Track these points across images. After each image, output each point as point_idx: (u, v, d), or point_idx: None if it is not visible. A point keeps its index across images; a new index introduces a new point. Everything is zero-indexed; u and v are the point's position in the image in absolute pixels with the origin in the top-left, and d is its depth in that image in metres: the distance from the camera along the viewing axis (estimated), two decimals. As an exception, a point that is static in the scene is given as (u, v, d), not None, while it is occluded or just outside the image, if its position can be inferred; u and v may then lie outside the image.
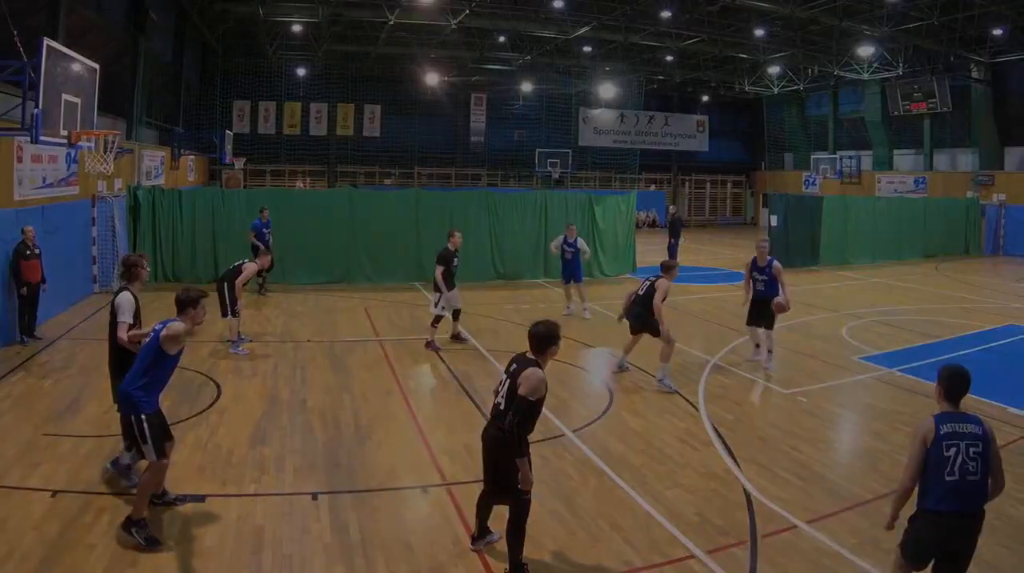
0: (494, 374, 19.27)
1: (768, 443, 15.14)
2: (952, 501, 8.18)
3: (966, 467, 8.21)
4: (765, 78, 70.32)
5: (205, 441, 14.54)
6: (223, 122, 64.68)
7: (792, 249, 42.27)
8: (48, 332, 22.93)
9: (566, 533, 11.20)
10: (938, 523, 8.28)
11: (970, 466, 8.22)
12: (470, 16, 50.99)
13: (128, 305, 12.62)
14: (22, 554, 10.08)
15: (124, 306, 12.52)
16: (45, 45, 16.70)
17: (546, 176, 75.19)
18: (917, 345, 24.03)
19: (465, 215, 34.12)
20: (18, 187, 22.97)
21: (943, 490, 8.20)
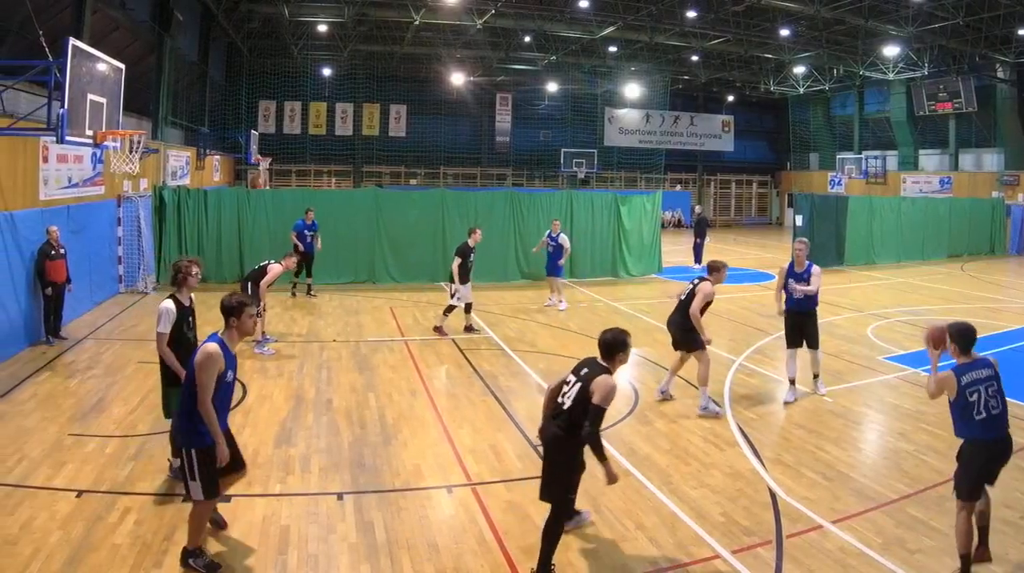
0: (519, 374, 19.66)
1: (793, 443, 15.11)
2: (989, 431, 10.00)
3: (989, 404, 9.99)
4: (790, 78, 70.22)
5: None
6: (248, 122, 64.83)
7: (817, 249, 41.27)
8: (74, 332, 22.92)
9: (592, 532, 11.17)
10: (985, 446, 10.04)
11: (992, 403, 10.02)
12: (495, 16, 51.15)
13: (167, 314, 12.02)
14: (47, 554, 10.08)
15: (162, 315, 12.00)
16: (71, 45, 16.64)
17: (571, 176, 75.15)
18: (943, 346, 23.79)
19: (490, 215, 34.15)
20: (44, 187, 22.96)
21: (978, 427, 10.00)
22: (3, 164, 20.17)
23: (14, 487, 12.10)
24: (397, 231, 34.06)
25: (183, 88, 49.38)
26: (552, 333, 24.78)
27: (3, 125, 18.96)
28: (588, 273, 36.44)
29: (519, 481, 12.96)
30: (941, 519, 11.60)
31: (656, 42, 57.05)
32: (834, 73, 66.81)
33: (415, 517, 11.59)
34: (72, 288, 22.42)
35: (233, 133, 60.83)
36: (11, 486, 12.12)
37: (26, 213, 21.30)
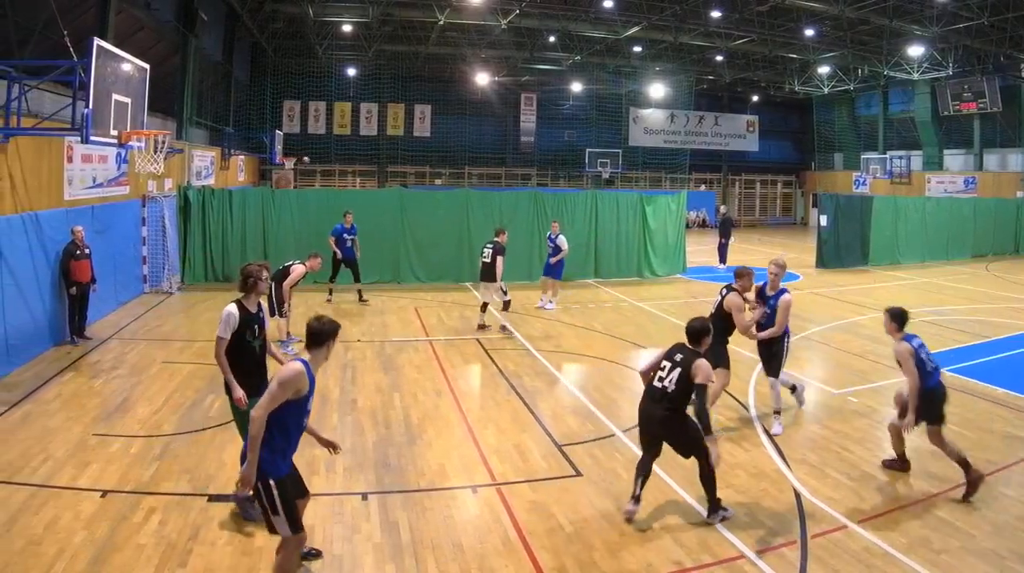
0: (544, 374, 19.72)
1: (818, 443, 15.11)
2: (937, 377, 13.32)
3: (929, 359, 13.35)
4: (815, 78, 70.25)
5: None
6: (273, 122, 65.06)
7: (842, 249, 42.38)
8: (98, 332, 22.96)
9: (616, 533, 11.16)
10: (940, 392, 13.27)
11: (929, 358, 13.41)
12: (520, 16, 51.33)
13: (230, 319, 11.43)
14: (72, 554, 10.11)
15: (225, 320, 11.39)
16: (95, 45, 16.71)
17: (596, 176, 75.18)
18: (967, 345, 23.91)
19: (515, 215, 34.15)
20: (68, 187, 23.02)
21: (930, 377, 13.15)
22: (28, 164, 20.19)
23: (39, 487, 12.14)
24: (422, 231, 34.07)
25: (208, 88, 49.54)
26: (577, 333, 24.75)
27: (28, 125, 18.99)
28: (613, 273, 36.40)
29: (544, 481, 12.98)
30: (966, 519, 11.61)
31: (681, 42, 57.11)
32: (859, 73, 66.64)
33: (440, 517, 11.61)
34: (97, 288, 22.45)
35: (258, 133, 60.82)
36: (36, 486, 12.17)
37: (51, 213, 21.30)
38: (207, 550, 10.36)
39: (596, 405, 17.10)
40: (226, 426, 14.91)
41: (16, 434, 14.55)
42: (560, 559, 10.36)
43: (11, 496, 11.76)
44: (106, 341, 22.23)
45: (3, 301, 18.31)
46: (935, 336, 24.56)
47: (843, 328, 25.80)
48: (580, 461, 13.85)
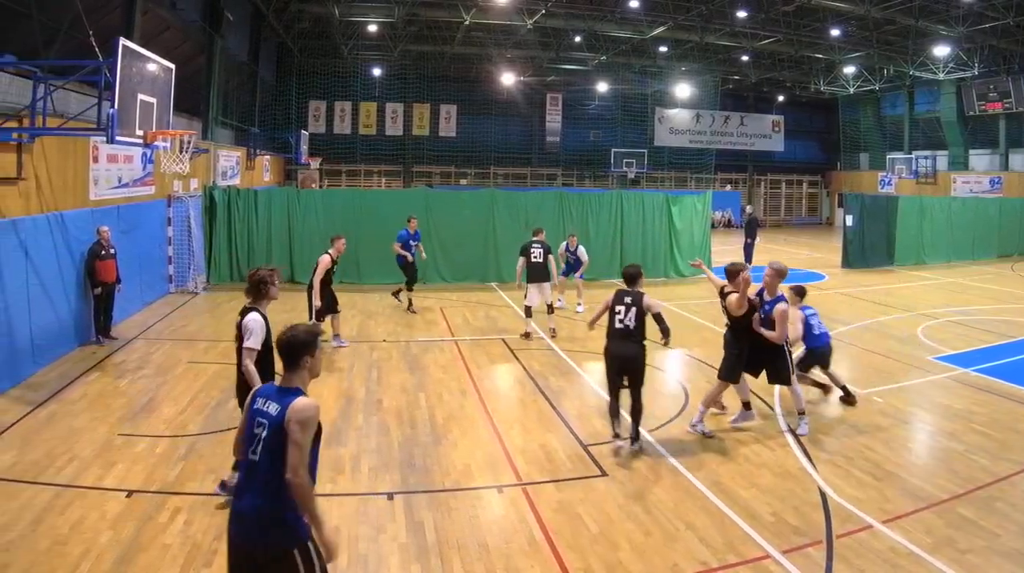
0: (569, 374, 19.81)
1: (843, 443, 15.04)
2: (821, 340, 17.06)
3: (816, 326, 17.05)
4: (841, 78, 70.01)
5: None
6: (299, 122, 65.21)
7: (867, 249, 42.30)
8: (124, 332, 23.03)
9: (641, 532, 11.15)
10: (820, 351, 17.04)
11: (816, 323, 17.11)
12: (545, 16, 51.43)
13: (260, 329, 11.29)
14: (97, 554, 10.13)
15: (255, 329, 11.24)
16: (121, 45, 16.69)
17: (621, 176, 75.14)
18: (992, 345, 23.77)
19: (540, 215, 33.98)
20: (94, 187, 23.12)
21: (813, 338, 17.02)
22: (53, 164, 20.28)
23: (64, 487, 12.17)
24: (447, 231, 34.09)
25: (233, 88, 49.69)
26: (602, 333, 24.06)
27: (53, 125, 18.98)
28: (639, 273, 36.01)
29: (569, 481, 12.97)
30: (991, 519, 11.55)
31: (706, 42, 57.10)
32: (884, 73, 66.35)
33: (465, 517, 11.61)
34: (122, 288, 22.54)
35: (283, 133, 60.89)
36: (61, 486, 12.20)
37: (76, 213, 21.34)
38: (232, 550, 10.32)
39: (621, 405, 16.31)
40: None
41: (41, 434, 14.60)
42: (586, 559, 10.35)
43: (37, 496, 11.79)
44: (132, 341, 22.30)
45: (29, 301, 18.37)
46: (960, 336, 24.71)
47: (869, 328, 25.71)
48: (605, 461, 13.83)
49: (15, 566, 9.82)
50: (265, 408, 7.30)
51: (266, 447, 7.15)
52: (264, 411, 7.28)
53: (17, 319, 17.79)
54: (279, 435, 7.08)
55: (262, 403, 7.36)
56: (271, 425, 7.15)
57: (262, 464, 7.16)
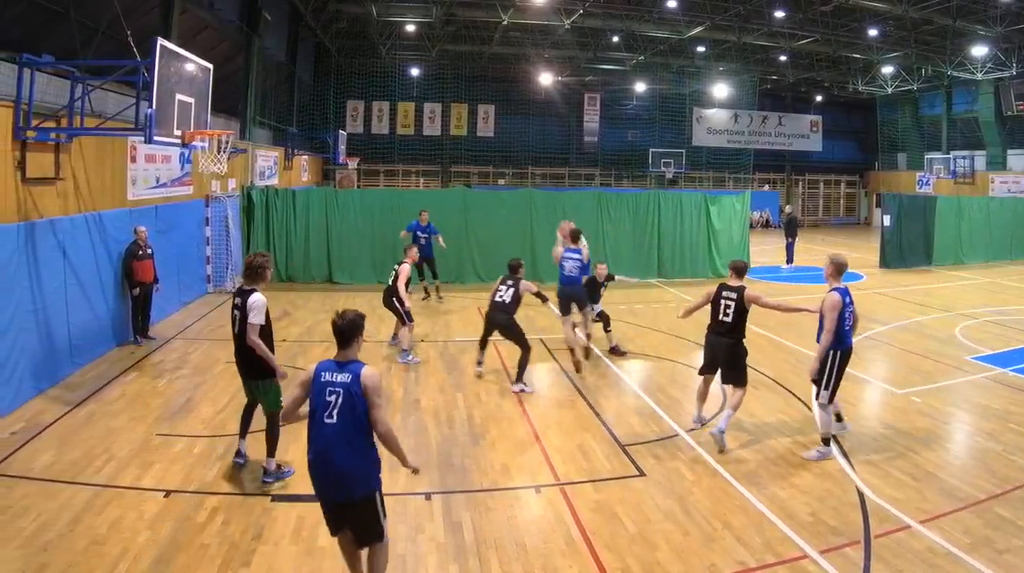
0: (607, 374, 19.87)
1: (881, 443, 14.99)
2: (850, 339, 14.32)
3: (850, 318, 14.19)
4: (878, 78, 69.52)
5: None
6: (336, 122, 65.35)
7: (905, 249, 42.10)
8: (162, 332, 23.15)
9: (680, 532, 11.15)
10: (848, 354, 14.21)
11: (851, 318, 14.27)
12: (583, 16, 51.32)
13: (264, 306, 12.40)
14: (135, 554, 10.18)
15: (260, 307, 12.31)
16: (159, 45, 16.69)
17: (659, 176, 74.88)
18: (1031, 345, 23.57)
19: (578, 215, 33.33)
20: (132, 187, 23.18)
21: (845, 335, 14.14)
22: (91, 164, 20.31)
23: (103, 487, 12.23)
24: (485, 231, 34.16)
25: (271, 88, 49.90)
26: (641, 333, 24.79)
27: (91, 125, 18.99)
28: (677, 273, 36.39)
29: (607, 481, 12.97)
30: (1029, 519, 11.44)
31: (744, 42, 56.94)
32: (922, 73, 65.85)
33: (503, 517, 11.64)
34: (160, 288, 22.63)
35: (321, 133, 61.15)
36: (100, 486, 12.26)
37: (114, 213, 21.43)
38: (270, 550, 10.45)
39: (659, 405, 17.08)
40: (289, 427, 14.84)
41: (80, 434, 14.67)
42: (623, 559, 10.35)
43: (75, 496, 11.85)
44: (169, 341, 22.42)
45: (67, 301, 18.45)
46: (998, 336, 24.59)
47: (907, 328, 25.60)
48: (643, 461, 13.83)
49: (53, 566, 9.86)
50: (334, 379, 8.75)
51: (342, 411, 8.66)
52: (334, 381, 8.73)
53: (55, 319, 17.87)
54: (354, 399, 8.64)
55: (328, 376, 8.78)
56: (345, 392, 8.66)
57: (342, 425, 8.69)
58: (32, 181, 17.11)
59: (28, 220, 16.85)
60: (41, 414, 15.71)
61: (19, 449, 13.80)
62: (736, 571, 10.15)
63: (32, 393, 16.68)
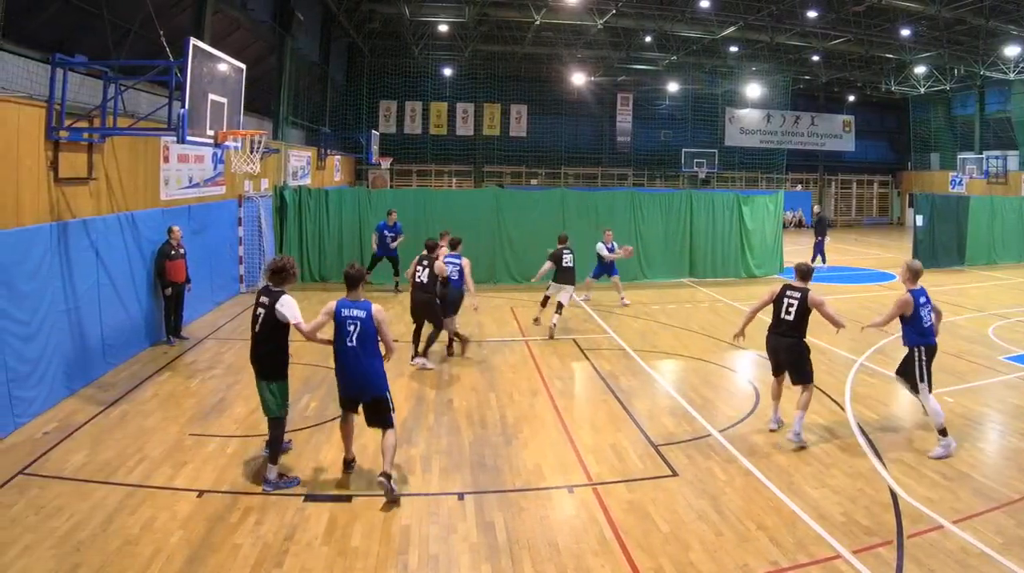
0: (640, 374, 19.83)
1: (914, 443, 15.00)
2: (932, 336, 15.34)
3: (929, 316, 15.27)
4: (911, 78, 69.30)
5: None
6: (369, 122, 65.44)
7: (938, 249, 41.87)
8: (195, 332, 23.22)
9: (713, 533, 11.15)
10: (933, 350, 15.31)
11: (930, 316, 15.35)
12: (616, 16, 51.29)
13: (295, 305, 12.77)
14: (168, 554, 10.22)
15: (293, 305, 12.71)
16: (191, 45, 16.69)
17: (692, 176, 74.89)
18: (1064, 345, 23.44)
19: (611, 215, 34.01)
20: (164, 187, 23.24)
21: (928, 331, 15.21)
22: (124, 164, 20.40)
23: (135, 487, 12.29)
24: (517, 231, 34.10)
25: (304, 88, 49.88)
26: (674, 333, 24.75)
27: (124, 125, 19.14)
28: (709, 273, 36.32)
29: (640, 481, 12.98)
30: (1062, 519, 11.41)
31: (777, 42, 56.88)
32: (955, 73, 65.61)
33: (536, 517, 11.65)
34: (191, 288, 22.66)
35: (354, 133, 61.37)
36: (133, 486, 12.32)
37: (147, 213, 21.52)
38: (303, 550, 10.48)
39: (692, 405, 17.07)
40: (321, 426, 15.16)
41: (113, 434, 14.74)
42: (656, 559, 10.36)
43: (108, 496, 11.90)
44: (202, 341, 22.52)
45: (100, 301, 18.51)
46: (1031, 336, 24.35)
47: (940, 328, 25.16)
48: (676, 461, 13.82)
49: (86, 566, 9.90)
50: (352, 314, 12.36)
51: (360, 336, 12.30)
52: (353, 315, 12.35)
53: (88, 319, 17.94)
54: (370, 327, 12.31)
55: (348, 311, 12.39)
56: (362, 322, 12.30)
57: (361, 346, 12.32)
58: (65, 181, 17.17)
59: (61, 220, 16.91)
60: (74, 414, 15.77)
61: (52, 449, 13.84)
62: (769, 571, 10.15)
63: (65, 393, 16.74)
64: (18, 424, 14.79)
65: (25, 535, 10.59)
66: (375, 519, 11.40)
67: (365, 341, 12.27)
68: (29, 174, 15.83)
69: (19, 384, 14.94)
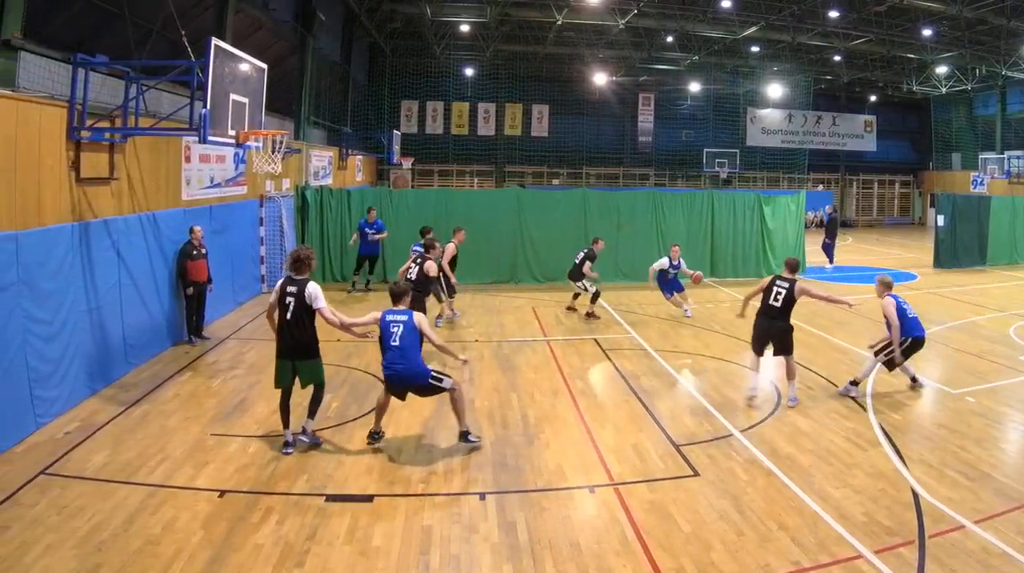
0: (661, 374, 19.82)
1: (936, 443, 14.94)
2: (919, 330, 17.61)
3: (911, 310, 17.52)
4: (932, 78, 69.22)
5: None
6: (391, 122, 65.63)
7: (959, 249, 41.81)
8: (216, 332, 23.26)
9: (734, 533, 11.15)
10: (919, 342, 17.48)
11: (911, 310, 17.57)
12: (638, 16, 51.45)
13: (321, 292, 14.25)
14: (189, 554, 10.25)
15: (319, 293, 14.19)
16: (213, 45, 16.69)
17: (714, 176, 74.84)
18: (1086, 345, 23.34)
19: (633, 215, 34.12)
20: (186, 187, 23.26)
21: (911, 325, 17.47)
22: (146, 164, 20.42)
23: (157, 487, 12.32)
24: (539, 231, 34.04)
25: (325, 88, 50.11)
26: (695, 333, 24.71)
27: (145, 125, 19.08)
28: (730, 273, 36.28)
29: (661, 481, 12.98)
30: (1085, 519, 11.38)
31: (798, 42, 56.92)
32: (976, 73, 65.52)
33: (557, 517, 11.65)
34: (213, 288, 22.70)
35: (375, 133, 61.46)
36: (154, 486, 12.35)
37: (168, 213, 21.54)
38: (325, 550, 10.50)
39: (714, 405, 17.06)
40: (343, 426, 15.25)
41: (134, 434, 14.77)
42: (678, 559, 10.36)
43: (129, 496, 11.93)
44: (224, 341, 22.55)
45: (121, 301, 18.56)
46: (1052, 336, 24.33)
47: (961, 328, 25.45)
48: (698, 461, 13.82)
49: (107, 566, 9.93)
50: (396, 319, 14.05)
51: (403, 337, 13.88)
52: (396, 320, 14.01)
53: (110, 319, 17.99)
54: (412, 331, 14.00)
55: (392, 317, 14.09)
56: (405, 326, 13.95)
57: (404, 347, 13.88)
58: (86, 181, 17.21)
59: (82, 220, 16.95)
60: (95, 414, 15.80)
61: (73, 449, 13.87)
62: (790, 571, 10.14)
63: (86, 393, 16.76)
64: (40, 424, 14.82)
65: (47, 535, 10.61)
66: (397, 519, 11.41)
67: (411, 341, 13.92)
68: (51, 174, 15.88)
69: (41, 384, 14.98)
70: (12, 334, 14.10)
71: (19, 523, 10.95)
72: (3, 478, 12.46)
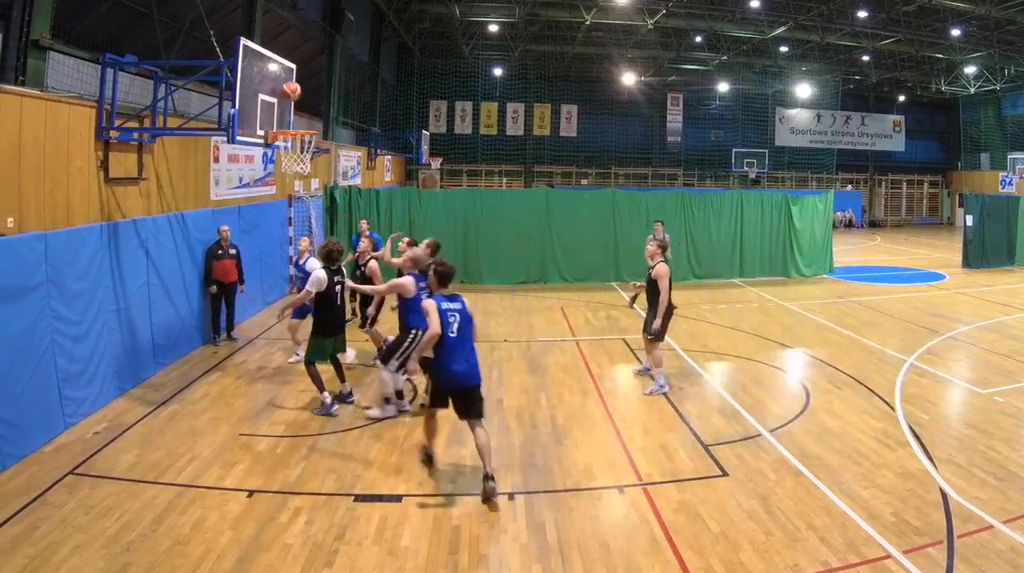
0: (691, 374, 19.73)
1: (964, 443, 14.82)
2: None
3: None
4: (961, 78, 68.88)
5: (402, 441, 14.72)
6: (419, 122, 65.95)
7: (988, 249, 41.60)
8: (245, 332, 23.31)
9: (763, 533, 11.12)
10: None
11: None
12: (666, 16, 51.35)
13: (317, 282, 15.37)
14: (218, 554, 10.27)
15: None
16: (242, 45, 16.72)
17: (742, 176, 74.75)
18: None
19: (661, 215, 33.33)
20: (215, 187, 23.33)
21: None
22: (174, 164, 20.50)
23: (186, 487, 12.35)
24: (568, 231, 34.01)
25: (354, 88, 50.14)
26: (724, 333, 24.66)
27: (174, 125, 19.26)
28: (758, 272, 36.21)
29: (690, 481, 12.95)
30: (1112, 520, 11.33)
31: (827, 42, 56.82)
32: (1005, 73, 65.21)
33: (586, 517, 11.63)
34: (244, 288, 22.80)
35: (404, 133, 61.57)
36: (183, 486, 12.38)
37: (197, 213, 21.58)
38: (353, 550, 10.50)
39: (742, 405, 17.02)
40: (371, 425, 15.21)
41: (163, 434, 14.81)
42: (707, 559, 10.35)
43: (158, 496, 11.97)
44: (253, 341, 22.58)
45: (150, 301, 18.62)
46: (1078, 335, 24.30)
47: (990, 328, 25.26)
48: (726, 461, 13.79)
49: (136, 566, 9.97)
50: (451, 307, 12.79)
51: (460, 328, 12.72)
52: (452, 309, 12.78)
53: (138, 319, 18.06)
54: (467, 318, 12.93)
55: (447, 305, 12.76)
56: (461, 314, 12.81)
57: (462, 339, 12.75)
58: (115, 181, 17.29)
59: (111, 220, 17.01)
60: (124, 414, 15.86)
61: (102, 449, 13.92)
62: (819, 571, 10.12)
63: (115, 393, 16.83)
64: (69, 424, 14.86)
65: (75, 535, 10.65)
66: (425, 519, 11.43)
67: (465, 331, 12.86)
68: (79, 174, 15.95)
69: (70, 384, 15.02)
70: (41, 334, 14.14)
71: (48, 523, 10.98)
72: (32, 478, 12.52)
